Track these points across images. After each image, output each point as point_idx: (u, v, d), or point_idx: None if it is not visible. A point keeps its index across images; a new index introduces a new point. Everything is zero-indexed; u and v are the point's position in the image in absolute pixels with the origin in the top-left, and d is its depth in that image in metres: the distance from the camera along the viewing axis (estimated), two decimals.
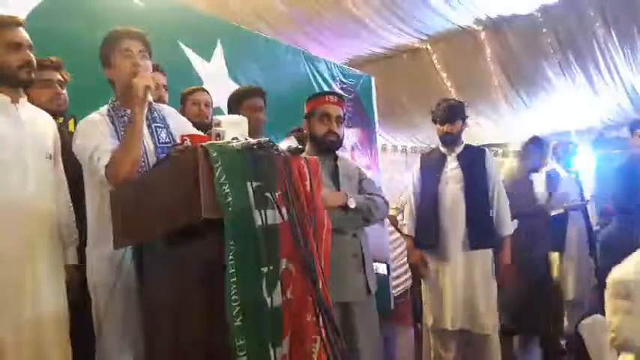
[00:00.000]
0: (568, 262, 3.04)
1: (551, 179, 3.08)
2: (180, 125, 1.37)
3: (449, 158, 2.25)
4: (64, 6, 2.04)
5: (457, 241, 2.14)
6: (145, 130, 1.26)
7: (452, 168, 2.22)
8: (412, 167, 2.44)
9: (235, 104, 1.90)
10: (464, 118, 2.26)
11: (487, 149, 2.36)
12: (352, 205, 1.56)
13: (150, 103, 1.29)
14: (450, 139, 2.24)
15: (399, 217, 3.32)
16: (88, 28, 2.02)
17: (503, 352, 2.18)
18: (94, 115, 1.28)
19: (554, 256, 3.11)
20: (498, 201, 2.22)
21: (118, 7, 2.22)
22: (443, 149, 2.29)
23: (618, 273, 1.57)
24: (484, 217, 2.19)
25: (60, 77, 1.59)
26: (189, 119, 1.80)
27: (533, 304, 2.74)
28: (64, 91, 1.61)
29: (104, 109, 1.30)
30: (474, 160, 2.23)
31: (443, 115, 2.23)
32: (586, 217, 3.08)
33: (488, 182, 2.21)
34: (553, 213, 3.04)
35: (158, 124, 1.32)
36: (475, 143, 2.51)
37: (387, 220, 3.83)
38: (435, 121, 2.28)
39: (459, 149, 2.26)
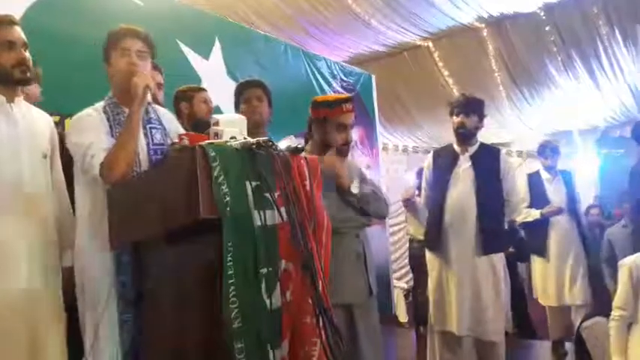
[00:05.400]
0: (554, 267, 2.86)
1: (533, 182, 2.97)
2: (176, 131, 1.35)
3: (461, 157, 2.16)
4: (62, 4, 2.02)
5: (466, 244, 2.07)
6: (140, 130, 1.25)
7: (464, 168, 2.14)
8: (414, 166, 2.39)
9: (236, 99, 1.89)
10: (480, 115, 2.16)
11: (502, 149, 2.28)
12: (355, 191, 1.56)
13: (148, 104, 1.28)
14: (463, 134, 2.14)
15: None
16: (86, 26, 2.00)
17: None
18: (88, 111, 1.27)
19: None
20: (509, 204, 2.14)
21: (116, 5, 2.20)
22: (456, 147, 2.20)
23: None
24: (497, 221, 2.10)
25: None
26: (197, 118, 1.78)
27: None
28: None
29: (100, 105, 1.29)
30: (487, 160, 2.14)
31: (458, 106, 2.16)
32: (577, 219, 2.90)
33: (502, 184, 2.11)
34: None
35: (153, 125, 1.31)
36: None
37: (387, 221, 3.82)
38: (451, 114, 2.18)
39: (473, 149, 2.16)
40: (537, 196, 2.94)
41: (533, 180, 3.02)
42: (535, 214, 2.89)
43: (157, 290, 1.14)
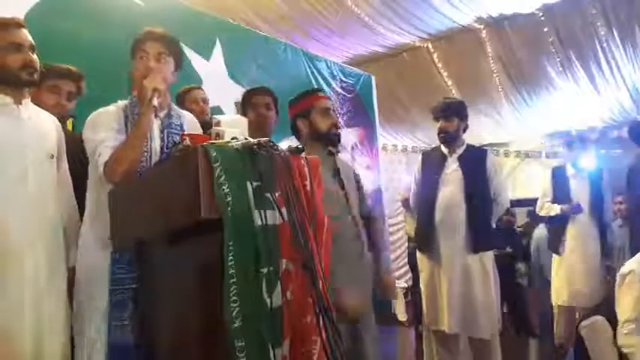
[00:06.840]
0: (567, 266, 2.80)
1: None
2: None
3: (449, 159, 2.21)
4: (63, 5, 2.03)
5: (455, 244, 2.10)
6: (156, 133, 1.26)
7: (452, 170, 2.18)
8: (413, 166, 2.42)
9: (243, 103, 1.90)
10: (462, 116, 2.20)
11: (489, 149, 2.34)
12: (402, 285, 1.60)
13: (155, 107, 1.29)
14: (445, 137, 2.20)
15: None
16: (87, 27, 2.01)
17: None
18: (108, 107, 1.29)
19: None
20: (497, 203, 2.18)
21: (116, 6, 2.21)
22: (444, 149, 2.25)
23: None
24: (485, 220, 2.15)
25: (72, 88, 1.57)
26: None
27: None
28: (71, 103, 1.57)
29: (123, 102, 1.30)
30: (474, 161, 2.18)
31: (437, 111, 2.22)
32: (599, 218, 2.79)
33: (489, 184, 2.16)
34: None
35: (173, 130, 1.31)
36: (476, 143, 2.49)
37: (387, 220, 3.83)
38: (435, 120, 2.25)
39: (460, 150, 2.21)
40: (560, 190, 2.84)
41: (558, 174, 2.92)
42: (556, 208, 2.82)
43: (158, 289, 1.15)
